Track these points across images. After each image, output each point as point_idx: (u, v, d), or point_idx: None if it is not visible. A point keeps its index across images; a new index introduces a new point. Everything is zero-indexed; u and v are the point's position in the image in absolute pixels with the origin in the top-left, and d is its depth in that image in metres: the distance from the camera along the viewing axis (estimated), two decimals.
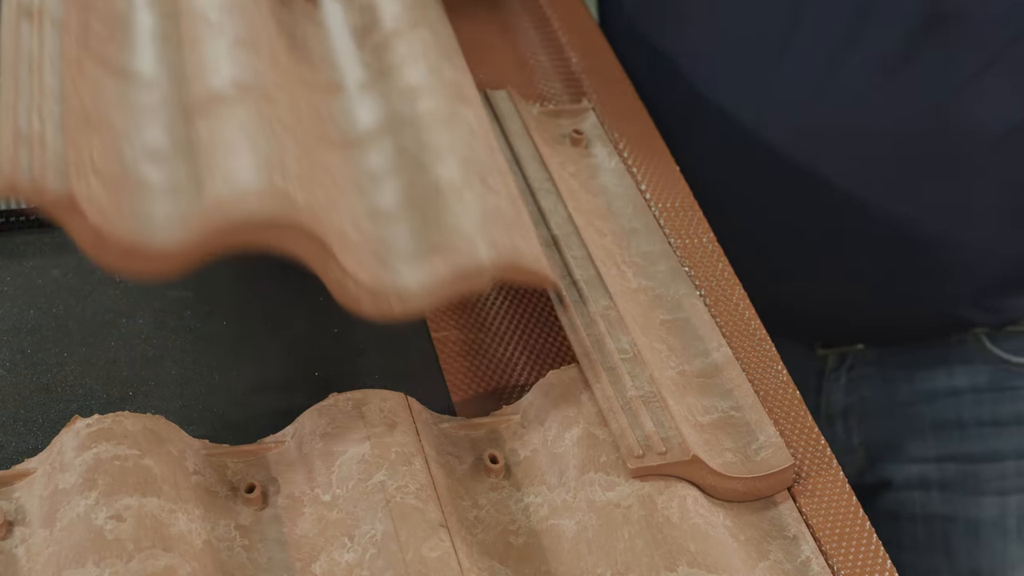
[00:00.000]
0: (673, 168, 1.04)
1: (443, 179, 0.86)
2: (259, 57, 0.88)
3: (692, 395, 0.87)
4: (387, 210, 0.85)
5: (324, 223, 0.78)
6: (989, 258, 1.11)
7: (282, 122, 0.83)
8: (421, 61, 0.95)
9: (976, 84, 1.03)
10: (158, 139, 0.83)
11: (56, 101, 0.78)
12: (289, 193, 0.77)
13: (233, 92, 0.84)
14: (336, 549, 0.76)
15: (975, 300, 1.13)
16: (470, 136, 0.89)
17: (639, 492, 0.79)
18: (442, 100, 0.91)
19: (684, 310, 0.92)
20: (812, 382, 1.22)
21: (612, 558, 0.77)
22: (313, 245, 0.77)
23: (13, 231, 0.99)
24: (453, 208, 0.84)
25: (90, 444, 0.79)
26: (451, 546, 0.76)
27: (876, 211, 1.08)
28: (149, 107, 0.85)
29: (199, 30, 0.89)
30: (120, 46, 0.89)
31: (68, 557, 0.73)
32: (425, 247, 0.83)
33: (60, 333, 0.92)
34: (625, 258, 0.96)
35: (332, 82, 0.95)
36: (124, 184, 0.79)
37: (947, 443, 1.19)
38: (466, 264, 0.81)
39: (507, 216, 0.84)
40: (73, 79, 0.81)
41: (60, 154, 0.74)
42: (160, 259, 0.76)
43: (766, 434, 0.84)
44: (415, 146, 0.89)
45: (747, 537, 0.81)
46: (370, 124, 0.91)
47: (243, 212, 0.76)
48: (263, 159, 0.79)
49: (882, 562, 0.80)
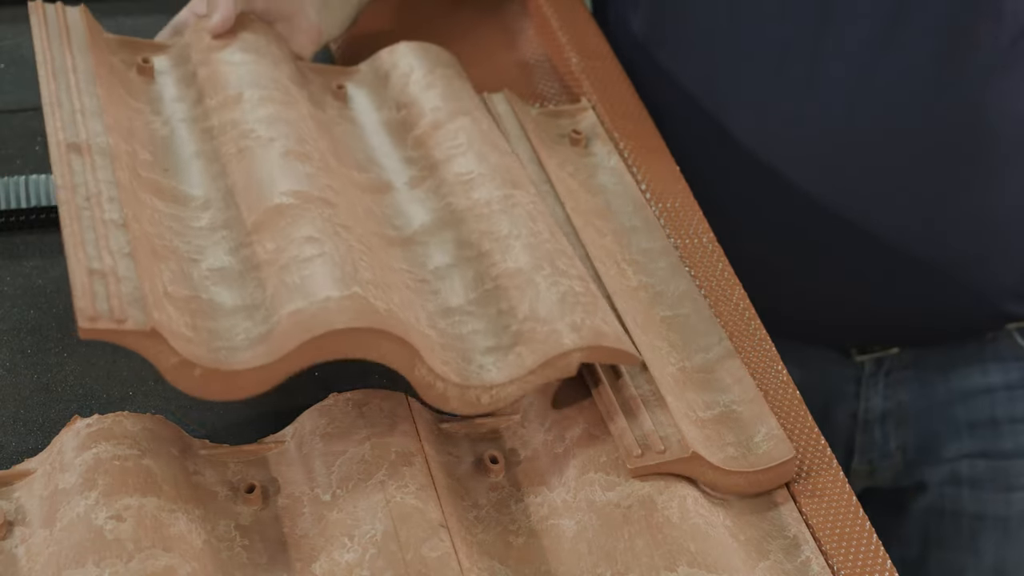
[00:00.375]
0: (673, 168, 1.04)
1: (511, 268, 0.86)
2: (312, 164, 0.88)
3: (693, 391, 0.87)
4: (459, 306, 0.85)
5: (406, 325, 0.78)
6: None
7: (345, 225, 0.83)
8: (467, 151, 0.95)
9: (1005, 79, 1.04)
10: (222, 259, 0.83)
11: (120, 231, 0.78)
12: (370, 301, 0.77)
13: (293, 201, 0.83)
14: (336, 549, 0.76)
15: (1013, 292, 1.14)
16: (530, 220, 0.89)
17: (639, 492, 0.79)
18: (495, 188, 0.91)
19: (684, 306, 0.93)
20: (851, 389, 1.22)
21: (612, 558, 0.77)
22: (400, 349, 0.76)
23: (13, 231, 0.99)
24: (527, 295, 0.84)
25: (90, 444, 0.79)
26: (451, 546, 0.76)
27: (908, 210, 1.09)
28: (207, 228, 0.85)
29: (246, 144, 0.89)
30: (167, 170, 0.89)
31: (68, 557, 0.73)
32: (507, 339, 0.82)
33: (60, 333, 0.92)
34: (625, 256, 0.96)
35: (381, 181, 0.95)
36: (198, 307, 0.79)
37: (980, 441, 1.19)
38: (551, 351, 0.80)
39: (583, 297, 0.83)
40: (132, 207, 0.81)
41: (136, 285, 0.74)
42: (243, 380, 0.75)
43: (768, 427, 0.84)
44: (476, 237, 0.88)
45: (747, 537, 0.81)
46: (427, 220, 0.91)
47: (328, 327, 0.75)
48: (337, 268, 0.78)
49: (882, 562, 0.80)
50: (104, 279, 0.74)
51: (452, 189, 0.92)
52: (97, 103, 0.89)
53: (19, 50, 1.16)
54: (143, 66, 0.99)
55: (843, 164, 1.08)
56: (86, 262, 0.75)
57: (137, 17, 1.20)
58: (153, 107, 0.96)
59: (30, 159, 1.05)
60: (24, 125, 1.08)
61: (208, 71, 0.97)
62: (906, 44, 1.03)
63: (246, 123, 0.91)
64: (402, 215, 0.92)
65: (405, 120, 1.00)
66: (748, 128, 1.10)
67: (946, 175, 1.08)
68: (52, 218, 0.99)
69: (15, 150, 1.06)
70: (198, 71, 0.97)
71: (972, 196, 1.08)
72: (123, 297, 0.73)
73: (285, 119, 0.91)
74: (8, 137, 1.07)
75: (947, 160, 1.07)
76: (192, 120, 0.94)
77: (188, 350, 0.74)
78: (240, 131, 0.90)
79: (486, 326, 0.83)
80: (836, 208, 1.10)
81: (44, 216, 0.99)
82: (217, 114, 0.93)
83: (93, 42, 0.96)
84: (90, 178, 0.81)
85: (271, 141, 0.89)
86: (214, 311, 0.79)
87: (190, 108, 0.95)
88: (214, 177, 0.89)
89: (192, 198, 0.88)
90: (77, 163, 0.82)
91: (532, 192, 0.92)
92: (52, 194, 1.00)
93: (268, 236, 0.82)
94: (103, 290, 0.73)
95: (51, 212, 0.99)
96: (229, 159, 0.89)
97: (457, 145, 0.95)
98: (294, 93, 0.96)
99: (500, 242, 0.87)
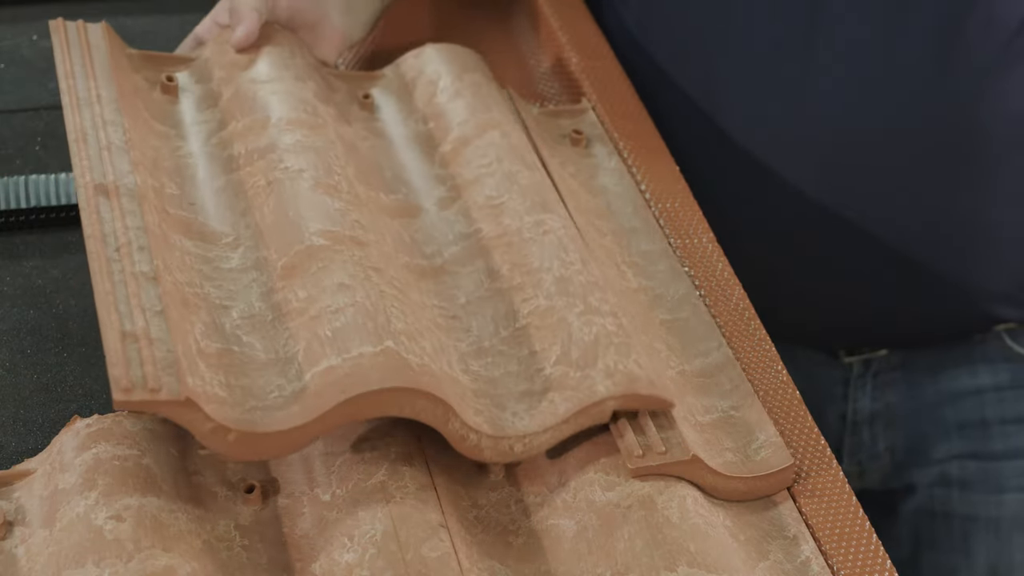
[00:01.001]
0: (673, 168, 1.04)
1: (542, 306, 0.85)
2: (341, 198, 0.87)
3: (692, 395, 0.87)
4: (491, 345, 0.84)
5: (439, 378, 0.77)
6: (1018, 250, 1.11)
7: (376, 268, 0.82)
8: (496, 171, 0.94)
9: (998, 80, 1.04)
10: (253, 305, 0.82)
11: (151, 284, 0.77)
12: (402, 355, 0.76)
13: (324, 242, 0.83)
14: (336, 549, 0.76)
15: (1003, 295, 1.14)
16: (561, 250, 0.88)
17: (639, 492, 0.79)
18: (525, 212, 0.90)
19: (684, 310, 0.92)
20: (839, 390, 1.22)
21: (612, 558, 0.77)
22: (434, 407, 0.76)
23: (13, 231, 0.99)
24: (559, 336, 0.83)
25: (90, 444, 0.79)
26: (451, 546, 0.76)
27: (901, 211, 1.09)
28: (238, 269, 0.84)
29: (275, 176, 0.88)
30: (193, 204, 0.88)
31: (68, 557, 0.73)
32: (539, 383, 0.82)
33: (60, 333, 0.92)
34: (625, 258, 0.96)
35: (410, 204, 0.94)
36: (231, 362, 0.78)
37: (969, 442, 1.19)
38: (585, 400, 0.80)
39: (615, 338, 0.83)
40: (162, 254, 0.80)
41: (169, 347, 0.74)
42: (277, 442, 0.75)
43: (766, 433, 0.84)
44: (508, 269, 0.88)
45: (747, 537, 0.81)
46: (457, 248, 0.90)
47: (364, 387, 0.75)
48: (370, 319, 0.78)
49: (882, 562, 0.80)
50: (137, 342, 0.73)
51: (482, 213, 0.91)
52: (122, 135, 0.88)
53: (19, 50, 1.16)
54: (167, 84, 0.97)
55: (836, 164, 1.08)
56: (119, 324, 0.74)
57: (137, 17, 1.20)
58: (178, 130, 0.94)
59: (30, 159, 1.05)
60: (24, 125, 1.08)
61: (232, 90, 0.96)
62: (898, 44, 1.03)
63: (274, 152, 0.89)
64: (432, 241, 0.91)
65: (433, 134, 0.99)
66: (743, 128, 1.09)
67: (938, 176, 1.07)
68: (52, 218, 0.99)
69: (15, 150, 1.06)
70: (222, 91, 0.96)
71: (964, 197, 1.08)
72: (157, 362, 0.73)
73: (313, 146, 0.90)
74: (8, 137, 1.07)
75: (939, 161, 1.07)
76: (218, 145, 0.93)
77: (222, 414, 0.74)
78: (268, 161, 0.89)
79: (518, 368, 0.83)
80: (829, 208, 1.10)
81: (44, 216, 0.99)
82: (243, 140, 0.92)
83: (116, 63, 0.95)
84: (119, 225, 0.80)
85: (300, 173, 0.88)
86: (246, 365, 0.78)
87: (216, 132, 0.94)
88: (243, 212, 0.88)
89: (221, 235, 0.86)
90: (105, 208, 0.81)
91: (563, 214, 0.91)
92: (52, 194, 1.00)
93: (299, 283, 0.81)
94: (136, 355, 0.73)
95: (51, 212, 0.99)
96: (258, 192, 0.88)
97: (486, 164, 0.94)
98: (321, 112, 0.94)
99: (532, 275, 0.87)
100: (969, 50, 1.03)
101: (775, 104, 1.07)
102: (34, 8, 1.20)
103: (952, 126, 1.05)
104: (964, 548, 1.20)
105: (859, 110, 1.05)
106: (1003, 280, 1.13)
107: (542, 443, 0.80)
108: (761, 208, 1.11)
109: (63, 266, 0.97)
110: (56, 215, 0.99)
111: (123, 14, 1.21)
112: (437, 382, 0.77)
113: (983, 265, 1.12)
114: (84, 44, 0.95)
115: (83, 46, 0.95)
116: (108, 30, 0.97)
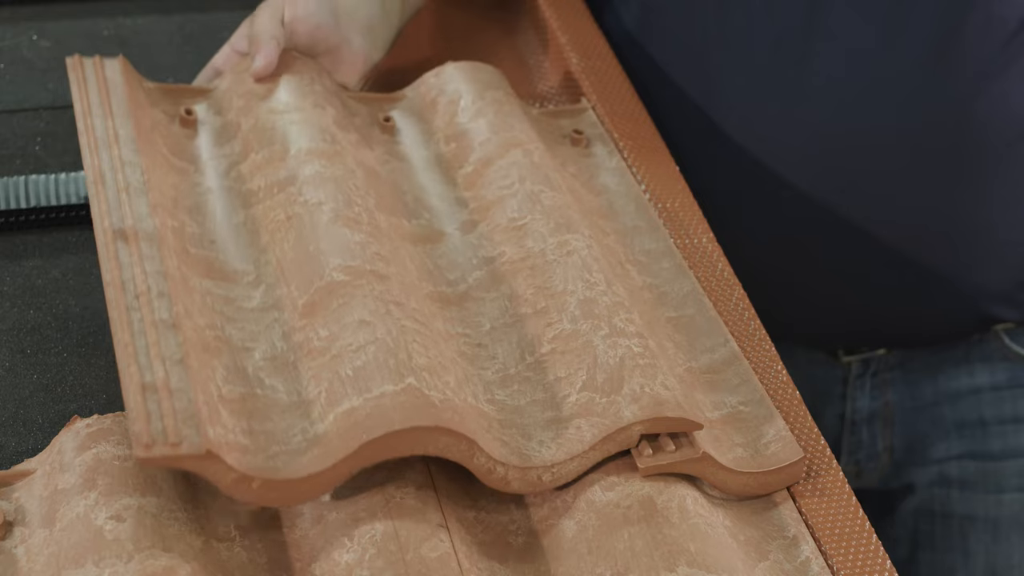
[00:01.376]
0: (673, 168, 1.04)
1: (567, 330, 0.85)
2: (361, 230, 0.86)
3: (700, 392, 0.87)
4: (517, 372, 0.84)
5: (462, 413, 0.77)
6: (1016, 250, 1.11)
7: (397, 302, 0.82)
8: (519, 191, 0.93)
9: (996, 81, 1.04)
10: (275, 345, 0.81)
11: (171, 332, 0.77)
12: (424, 392, 0.76)
13: (344, 278, 0.82)
14: (335, 549, 0.76)
15: (1001, 295, 1.14)
16: (585, 271, 0.88)
17: (639, 492, 0.79)
18: (548, 234, 0.90)
19: (689, 307, 0.92)
20: (838, 390, 1.22)
21: (612, 558, 0.77)
22: (458, 443, 0.76)
23: (13, 231, 0.99)
24: (584, 361, 0.83)
25: (90, 444, 0.79)
26: (451, 546, 0.76)
27: (900, 211, 1.09)
28: (259, 308, 0.84)
29: (294, 210, 0.88)
30: (214, 242, 0.88)
31: (68, 557, 0.73)
32: (566, 410, 0.81)
33: (60, 333, 0.92)
34: (629, 256, 0.96)
35: (433, 229, 0.93)
36: (254, 407, 0.78)
37: (968, 442, 1.19)
38: (611, 426, 0.80)
39: (641, 359, 0.82)
40: (182, 299, 0.80)
41: (189, 398, 0.73)
42: (302, 487, 0.75)
43: (775, 428, 0.84)
44: (532, 293, 0.87)
45: (747, 537, 0.81)
46: (481, 273, 0.90)
47: (386, 427, 0.74)
48: (391, 356, 0.78)
49: (882, 562, 0.80)
50: (157, 394, 0.73)
51: (505, 236, 0.91)
52: (141, 176, 0.87)
53: (19, 50, 1.16)
54: (186, 118, 0.97)
55: (834, 165, 1.08)
56: (139, 376, 0.73)
57: (137, 17, 1.20)
58: (197, 165, 0.94)
59: (30, 159, 1.05)
60: (24, 125, 1.08)
61: (251, 121, 0.95)
62: (897, 45, 1.03)
63: (293, 185, 0.89)
64: (456, 267, 0.91)
65: (455, 155, 0.98)
66: (742, 127, 1.09)
67: (937, 176, 1.07)
68: (52, 218, 0.99)
69: (15, 150, 1.06)
70: (241, 121, 0.96)
71: (963, 197, 1.08)
72: (177, 414, 0.72)
73: (332, 177, 0.90)
74: (8, 137, 1.07)
75: (938, 161, 1.07)
76: (238, 179, 0.92)
77: (245, 462, 0.74)
78: (287, 195, 0.89)
79: (544, 396, 0.82)
80: (828, 208, 1.10)
81: (44, 216, 0.99)
82: (262, 173, 0.91)
83: (133, 99, 0.94)
84: (138, 271, 0.80)
85: (319, 205, 0.87)
86: (269, 409, 0.78)
87: (235, 164, 0.93)
88: (263, 249, 0.87)
89: (243, 273, 0.86)
90: (124, 254, 0.81)
91: (586, 233, 0.91)
92: (52, 194, 1.00)
93: (320, 321, 0.81)
94: (156, 408, 0.72)
95: (51, 212, 0.99)
96: (278, 227, 0.87)
97: (508, 185, 0.94)
98: (340, 140, 0.94)
99: (556, 299, 0.86)
100: (968, 51, 1.03)
101: (774, 104, 1.07)
102: (34, 8, 1.20)
103: (949, 127, 1.05)
104: (963, 548, 1.20)
105: (857, 110, 1.05)
106: (1001, 280, 1.13)
107: (570, 471, 0.80)
108: (760, 208, 1.11)
109: (63, 266, 0.97)
110: (56, 215, 0.99)
111: (122, 14, 1.21)
112: (460, 417, 0.76)
113: (981, 265, 1.12)
114: (101, 81, 0.94)
115: (100, 83, 0.94)
116: (125, 64, 0.97)
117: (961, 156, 1.07)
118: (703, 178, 1.05)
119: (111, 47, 1.17)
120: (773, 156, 1.09)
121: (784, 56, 1.06)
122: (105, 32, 1.19)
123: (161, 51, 1.17)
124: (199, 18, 1.21)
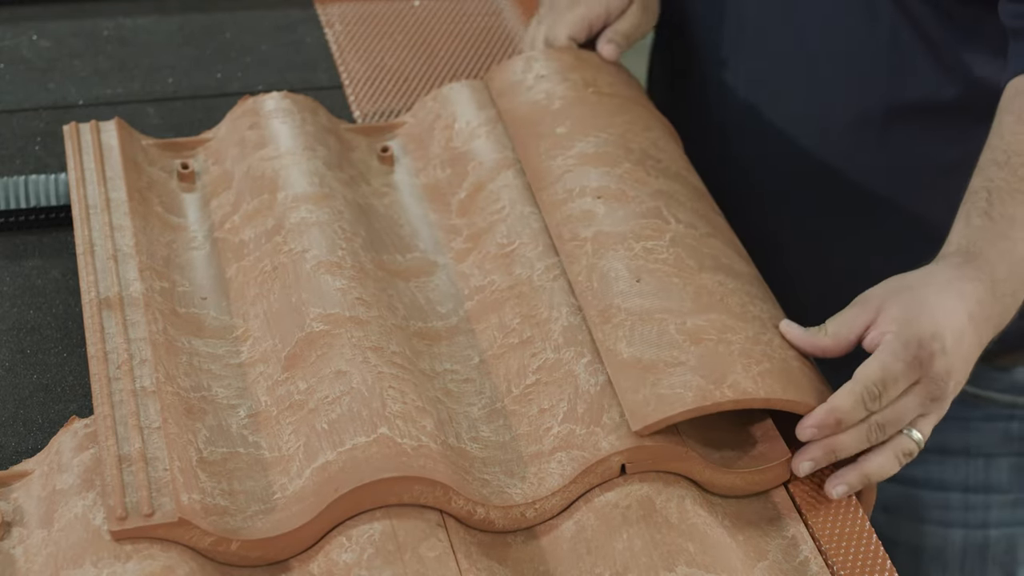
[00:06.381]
0: None
1: (550, 360, 0.85)
2: (343, 276, 0.87)
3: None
4: (502, 407, 0.84)
5: (436, 459, 0.77)
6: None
7: (375, 347, 0.82)
8: (509, 214, 0.93)
9: (998, 58, 1.03)
10: (260, 401, 0.82)
11: (152, 398, 0.78)
12: (397, 442, 0.77)
13: (323, 327, 0.83)
14: (334, 549, 0.76)
15: None
16: (569, 294, 0.88)
17: (638, 492, 0.79)
18: (536, 258, 0.90)
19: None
20: None
21: (611, 558, 0.77)
22: (432, 488, 0.76)
23: (13, 231, 0.99)
24: (565, 392, 0.83)
25: (88, 444, 0.79)
26: (449, 546, 0.76)
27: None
28: (247, 363, 0.85)
29: (279, 260, 0.88)
30: (205, 298, 0.89)
31: (66, 557, 0.73)
32: (548, 443, 0.81)
33: (60, 333, 0.92)
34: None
35: (427, 260, 0.94)
36: (236, 466, 0.79)
37: None
38: (590, 458, 0.79)
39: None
40: (165, 366, 0.81)
41: (164, 465, 0.75)
42: (282, 544, 0.76)
43: (762, 427, 0.84)
44: (519, 322, 0.88)
45: (746, 537, 0.81)
46: (472, 304, 0.90)
47: (357, 481, 0.75)
48: (364, 406, 0.78)
49: (882, 562, 0.80)
50: (132, 466, 0.75)
51: (495, 264, 0.91)
52: (131, 239, 0.89)
53: (19, 50, 1.16)
54: (183, 172, 0.98)
55: (835, 160, 1.07)
56: (115, 449, 0.76)
57: (137, 17, 1.21)
58: (192, 219, 0.95)
59: (30, 159, 1.05)
60: (24, 125, 1.08)
61: (244, 168, 0.96)
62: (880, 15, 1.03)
63: (279, 234, 0.90)
64: (448, 299, 0.91)
65: (450, 181, 0.98)
66: (767, 123, 1.09)
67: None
68: (52, 218, 0.99)
69: (15, 150, 1.06)
70: (235, 170, 0.97)
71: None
72: (151, 484, 0.74)
73: (317, 222, 0.90)
74: (8, 137, 1.07)
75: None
76: (231, 230, 0.93)
77: (221, 525, 0.75)
78: (273, 244, 0.90)
79: (528, 430, 0.83)
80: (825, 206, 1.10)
81: (44, 216, 0.99)
82: (252, 224, 0.92)
83: (128, 161, 0.95)
84: (120, 340, 0.82)
85: (303, 254, 0.88)
86: (251, 468, 0.79)
87: (229, 216, 0.94)
88: (252, 301, 0.88)
89: (232, 328, 0.87)
90: (109, 323, 0.83)
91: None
92: (52, 194, 1.00)
93: (300, 373, 0.82)
94: (132, 479, 0.74)
95: (51, 212, 0.99)
96: (265, 278, 0.88)
97: (499, 210, 0.94)
98: (330, 181, 0.94)
99: (540, 327, 0.87)
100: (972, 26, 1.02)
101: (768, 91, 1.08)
102: (34, 8, 1.20)
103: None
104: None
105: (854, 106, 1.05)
106: None
107: (553, 506, 0.80)
108: (754, 208, 1.11)
109: (63, 266, 0.97)
110: (56, 215, 0.99)
111: (122, 14, 1.21)
112: (434, 463, 0.77)
113: None
114: (96, 146, 0.96)
115: (95, 148, 0.95)
116: (122, 125, 0.98)
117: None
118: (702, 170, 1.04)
119: (111, 47, 1.17)
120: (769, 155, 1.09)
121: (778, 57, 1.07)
122: (105, 32, 1.19)
123: (161, 51, 1.17)
124: (199, 18, 1.21)
